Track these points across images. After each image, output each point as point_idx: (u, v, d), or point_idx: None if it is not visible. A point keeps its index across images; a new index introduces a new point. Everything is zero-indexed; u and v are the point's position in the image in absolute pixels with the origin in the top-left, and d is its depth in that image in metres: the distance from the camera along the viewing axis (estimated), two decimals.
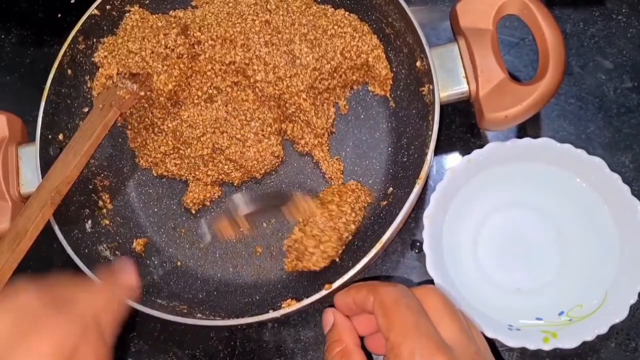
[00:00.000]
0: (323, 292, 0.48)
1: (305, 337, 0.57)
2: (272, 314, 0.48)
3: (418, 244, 0.58)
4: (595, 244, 0.53)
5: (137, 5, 0.60)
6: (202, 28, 0.57)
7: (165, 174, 0.60)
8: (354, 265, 0.49)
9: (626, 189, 0.50)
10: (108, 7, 0.59)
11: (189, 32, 0.57)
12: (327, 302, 0.56)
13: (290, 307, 0.48)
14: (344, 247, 0.54)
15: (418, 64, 0.54)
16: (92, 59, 0.58)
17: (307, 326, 0.58)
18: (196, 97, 0.58)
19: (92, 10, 0.58)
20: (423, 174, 0.50)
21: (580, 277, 0.53)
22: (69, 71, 0.58)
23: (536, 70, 0.51)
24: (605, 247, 0.52)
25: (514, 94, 0.49)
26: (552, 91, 0.49)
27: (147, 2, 0.61)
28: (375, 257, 0.49)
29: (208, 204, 0.60)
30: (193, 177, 0.59)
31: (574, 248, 0.54)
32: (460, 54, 0.52)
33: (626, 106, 0.60)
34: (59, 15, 0.73)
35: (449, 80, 0.52)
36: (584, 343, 0.48)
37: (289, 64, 0.56)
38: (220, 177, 0.58)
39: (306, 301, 0.48)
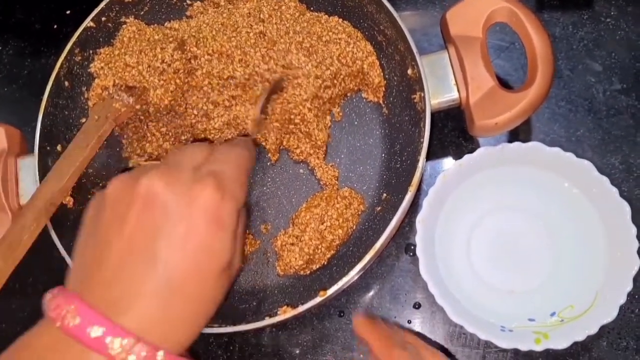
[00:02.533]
0: (318, 299, 0.49)
1: (303, 341, 0.58)
2: (268, 321, 0.49)
3: (412, 247, 0.59)
4: (586, 245, 0.54)
5: (133, 16, 0.61)
6: (199, 42, 0.58)
7: None
8: (348, 271, 0.50)
9: (615, 191, 0.51)
10: (103, 18, 0.60)
11: (185, 47, 0.58)
12: (323, 308, 0.58)
13: (285, 314, 0.49)
14: (333, 251, 0.55)
15: (409, 71, 0.54)
16: (89, 70, 0.59)
17: (304, 330, 0.59)
18: (192, 115, 0.58)
19: (87, 22, 0.59)
20: (415, 180, 0.51)
21: (571, 278, 0.54)
22: (66, 83, 0.59)
23: (527, 74, 0.52)
24: (595, 249, 0.53)
25: (504, 101, 0.50)
26: (540, 98, 0.50)
27: (142, 13, 0.62)
28: (370, 262, 0.50)
29: None
30: None
31: (565, 250, 0.55)
32: (451, 61, 0.53)
33: (615, 108, 0.60)
34: (55, 26, 0.74)
35: (440, 88, 0.53)
36: (576, 342, 0.49)
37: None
38: None
39: (301, 308, 0.49)
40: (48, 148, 0.57)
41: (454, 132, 0.62)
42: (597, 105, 0.61)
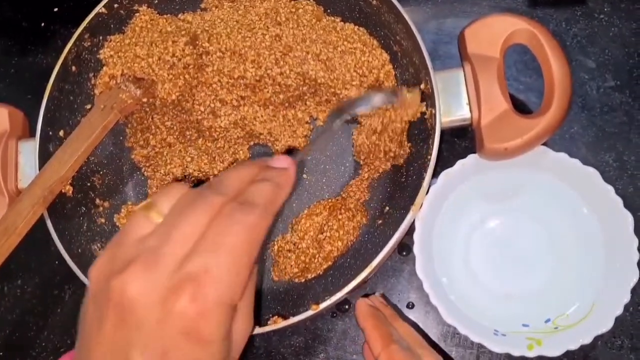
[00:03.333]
0: (309, 312, 0.48)
1: (295, 343, 0.58)
2: (258, 330, 0.49)
3: (406, 247, 0.59)
4: (585, 254, 0.54)
5: (146, 5, 0.60)
6: (212, 38, 0.57)
7: None
8: (344, 285, 0.49)
9: (619, 200, 0.51)
10: (116, 5, 0.59)
11: (197, 42, 0.57)
12: (314, 319, 0.58)
13: (276, 324, 0.49)
14: (330, 262, 0.55)
15: (422, 86, 0.53)
16: (98, 56, 0.58)
17: (297, 332, 0.58)
18: (199, 112, 0.57)
19: (99, 8, 0.58)
20: (419, 200, 0.50)
21: (569, 287, 0.53)
22: (73, 68, 0.58)
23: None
24: (594, 258, 0.53)
25: (516, 127, 0.49)
26: (554, 126, 0.48)
27: (156, 2, 0.60)
28: (366, 279, 0.49)
29: None
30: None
31: (563, 257, 0.55)
32: (465, 80, 0.52)
33: (609, 105, 0.60)
34: (43, 24, 0.72)
35: (452, 106, 0.52)
36: None
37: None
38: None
39: (292, 320, 0.48)
40: (50, 133, 0.57)
41: (458, 132, 0.60)
42: (590, 102, 0.60)
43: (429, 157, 0.50)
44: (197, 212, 0.33)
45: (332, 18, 0.59)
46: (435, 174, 0.54)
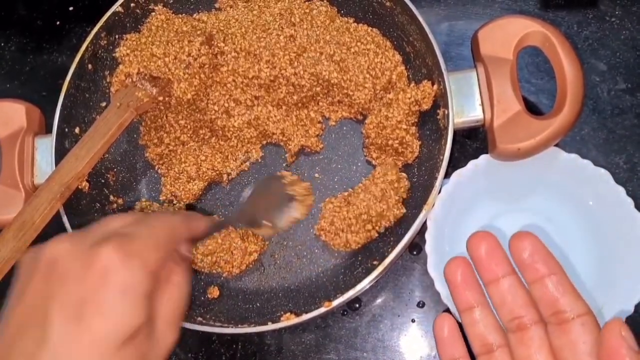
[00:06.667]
0: (322, 309, 0.49)
1: (306, 340, 0.58)
2: (271, 326, 0.49)
3: (417, 246, 0.59)
4: (596, 254, 0.54)
5: (161, 4, 0.61)
6: (227, 38, 0.57)
7: None
8: (355, 283, 0.49)
9: (630, 202, 0.51)
10: (132, 4, 0.59)
11: (213, 42, 0.57)
12: (325, 317, 0.58)
13: (288, 321, 0.49)
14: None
15: (435, 87, 0.54)
16: (114, 55, 0.59)
17: (308, 329, 0.59)
18: (213, 111, 0.58)
19: (116, 7, 0.59)
20: (431, 200, 0.50)
21: (578, 287, 0.51)
22: (90, 66, 0.59)
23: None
24: (605, 258, 0.53)
25: (529, 127, 0.49)
26: (566, 128, 0.49)
27: (171, 1, 0.61)
28: (377, 277, 0.50)
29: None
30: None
31: (574, 257, 0.54)
32: (478, 81, 0.52)
33: (620, 107, 0.60)
34: (58, 22, 0.73)
35: (465, 107, 0.52)
36: None
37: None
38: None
39: (305, 317, 0.49)
40: (66, 130, 0.57)
41: (471, 132, 0.60)
42: (601, 104, 0.61)
43: (442, 157, 0.51)
44: (131, 213, 0.40)
45: (346, 19, 0.59)
46: (447, 174, 0.55)
